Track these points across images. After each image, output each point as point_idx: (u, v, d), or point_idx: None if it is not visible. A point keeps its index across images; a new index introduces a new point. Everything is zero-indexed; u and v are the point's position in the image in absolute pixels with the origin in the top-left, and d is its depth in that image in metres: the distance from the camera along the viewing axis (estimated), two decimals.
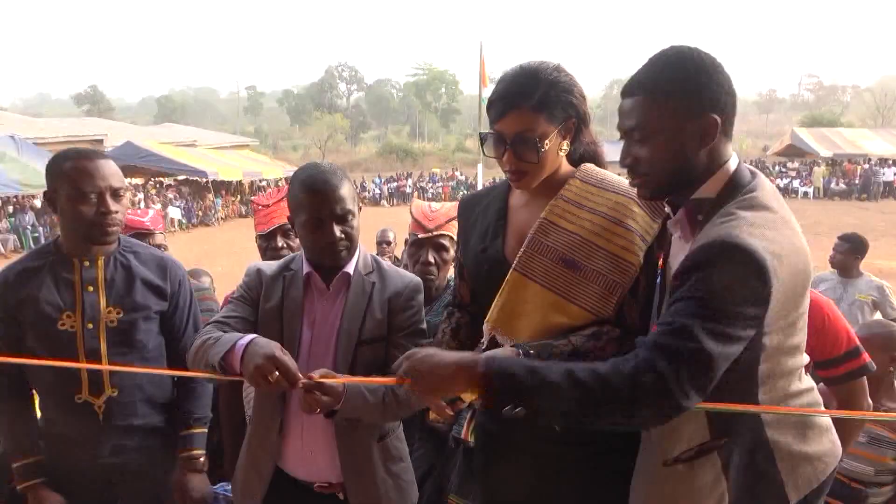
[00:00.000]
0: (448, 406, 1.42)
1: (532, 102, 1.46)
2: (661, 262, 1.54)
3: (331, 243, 1.64)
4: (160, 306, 1.95)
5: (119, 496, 1.99)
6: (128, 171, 17.52)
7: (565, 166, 1.61)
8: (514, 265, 1.54)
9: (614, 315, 1.50)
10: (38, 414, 2.00)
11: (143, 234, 2.85)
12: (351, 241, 1.69)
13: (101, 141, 28.19)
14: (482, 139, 1.55)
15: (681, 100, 1.30)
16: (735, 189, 1.33)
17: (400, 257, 3.69)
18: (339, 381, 1.53)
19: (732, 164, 1.36)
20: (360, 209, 1.75)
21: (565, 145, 1.55)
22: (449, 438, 2.17)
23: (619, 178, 1.59)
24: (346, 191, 1.66)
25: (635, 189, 1.45)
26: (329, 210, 1.63)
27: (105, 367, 1.85)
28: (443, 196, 32.22)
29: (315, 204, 1.63)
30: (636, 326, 1.50)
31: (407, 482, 1.84)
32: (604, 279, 1.48)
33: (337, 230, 1.64)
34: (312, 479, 1.73)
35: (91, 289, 1.86)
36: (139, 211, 3.08)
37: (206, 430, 2.08)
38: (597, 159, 1.66)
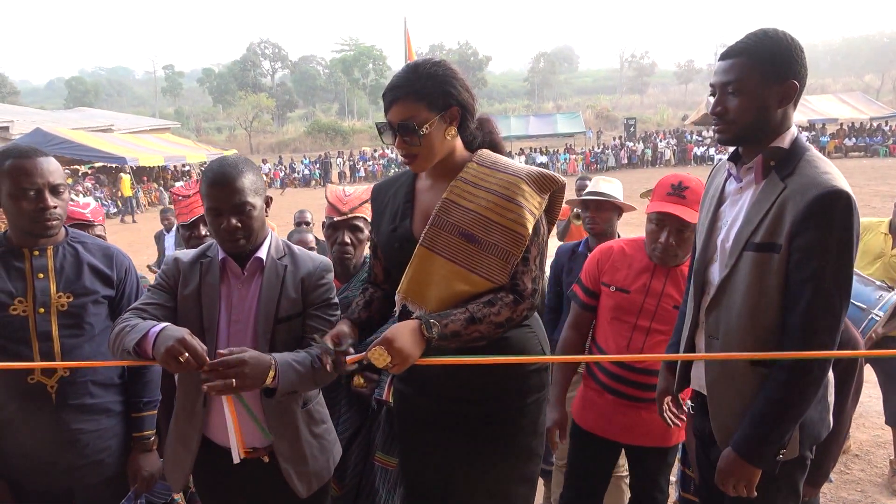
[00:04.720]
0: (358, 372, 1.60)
1: (412, 93, 1.64)
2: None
3: (228, 231, 1.76)
4: (107, 292, 2.06)
5: (75, 484, 2.04)
6: None
7: (464, 152, 1.79)
8: (420, 241, 1.71)
9: (509, 282, 1.70)
10: None
11: (84, 226, 2.90)
12: (248, 231, 1.79)
13: (6, 128, 26.37)
14: (379, 130, 1.72)
15: (774, 65, 1.58)
16: (800, 146, 1.63)
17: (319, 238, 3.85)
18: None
19: (795, 128, 1.66)
20: (270, 200, 1.88)
21: (452, 131, 1.72)
22: (372, 401, 2.38)
23: (511, 161, 1.79)
24: (244, 183, 1.76)
25: (520, 167, 1.68)
26: (226, 202, 1.74)
27: (39, 364, 1.91)
28: (377, 174, 32.11)
29: (213, 196, 1.75)
30: (528, 291, 1.70)
31: (330, 441, 2.02)
32: (499, 250, 1.66)
33: (233, 220, 1.75)
34: None
35: (42, 276, 1.96)
36: (81, 203, 3.10)
37: (155, 412, 2.20)
38: (495, 147, 1.85)
